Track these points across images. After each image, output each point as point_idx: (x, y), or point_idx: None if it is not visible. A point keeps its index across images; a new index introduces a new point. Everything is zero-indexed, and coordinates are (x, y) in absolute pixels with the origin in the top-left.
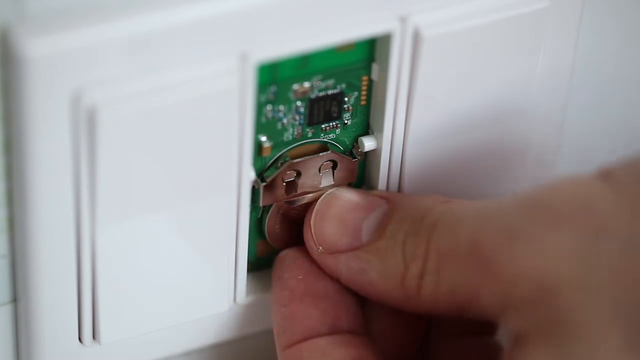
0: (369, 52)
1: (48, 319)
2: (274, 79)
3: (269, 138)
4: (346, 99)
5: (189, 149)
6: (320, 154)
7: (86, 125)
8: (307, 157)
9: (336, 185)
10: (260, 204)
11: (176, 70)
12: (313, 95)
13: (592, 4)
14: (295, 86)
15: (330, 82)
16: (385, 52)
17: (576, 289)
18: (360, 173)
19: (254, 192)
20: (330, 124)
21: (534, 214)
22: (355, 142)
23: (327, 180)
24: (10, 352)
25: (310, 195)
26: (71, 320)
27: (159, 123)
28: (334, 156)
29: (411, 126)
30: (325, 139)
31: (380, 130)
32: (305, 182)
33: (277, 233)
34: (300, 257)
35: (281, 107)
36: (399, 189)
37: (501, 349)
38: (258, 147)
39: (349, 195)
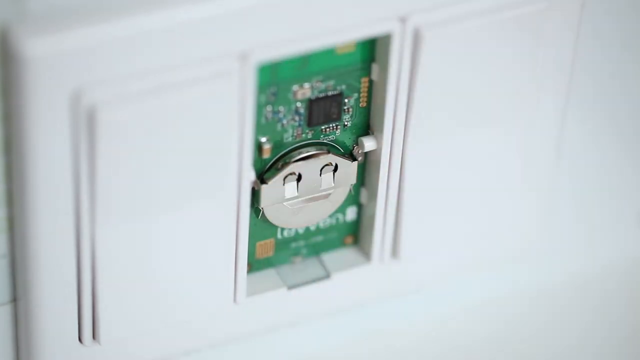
0: (369, 53)
1: (48, 319)
2: (274, 79)
3: (268, 139)
4: (346, 100)
5: (189, 149)
6: (320, 155)
7: (86, 125)
8: (307, 159)
9: (337, 186)
10: (260, 205)
11: (176, 70)
12: (313, 97)
13: (592, 4)
14: (295, 87)
15: (330, 83)
16: (385, 52)
17: None
18: (360, 173)
19: (254, 193)
20: (330, 125)
21: None
22: (356, 142)
23: (327, 181)
24: (10, 352)
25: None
26: (71, 320)
27: (158, 123)
28: (333, 158)
29: (411, 126)
30: (325, 140)
31: (380, 130)
32: (305, 184)
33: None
34: None
35: (281, 108)
36: (399, 189)
37: None
38: (258, 148)
39: None
